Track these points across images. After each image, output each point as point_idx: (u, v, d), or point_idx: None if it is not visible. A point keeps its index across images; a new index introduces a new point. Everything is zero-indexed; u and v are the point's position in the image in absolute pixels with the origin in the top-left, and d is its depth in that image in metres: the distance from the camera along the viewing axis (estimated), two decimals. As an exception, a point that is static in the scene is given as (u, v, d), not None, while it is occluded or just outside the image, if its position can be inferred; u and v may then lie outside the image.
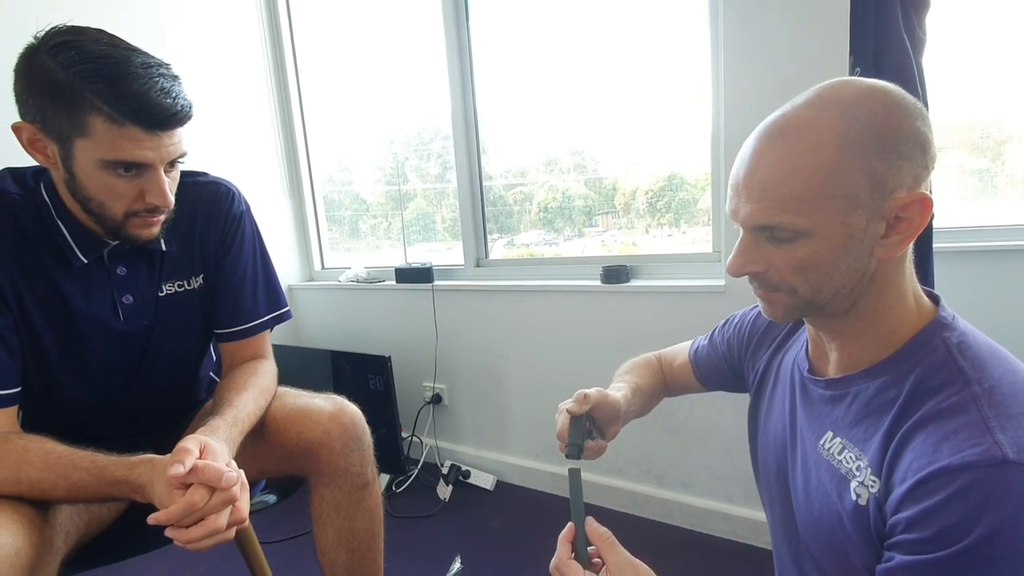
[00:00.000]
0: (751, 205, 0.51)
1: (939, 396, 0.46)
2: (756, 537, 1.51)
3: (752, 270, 0.54)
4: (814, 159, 0.47)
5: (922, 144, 0.47)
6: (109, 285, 0.87)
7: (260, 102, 2.26)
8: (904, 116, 0.47)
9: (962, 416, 0.44)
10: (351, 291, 2.22)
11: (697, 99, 1.58)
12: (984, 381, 0.46)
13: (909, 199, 0.47)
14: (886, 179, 0.47)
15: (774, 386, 0.68)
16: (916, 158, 0.47)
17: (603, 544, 0.58)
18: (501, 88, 1.91)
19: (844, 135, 0.47)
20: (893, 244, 0.49)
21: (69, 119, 0.70)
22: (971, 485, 0.41)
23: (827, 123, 0.47)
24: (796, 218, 0.48)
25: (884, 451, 0.48)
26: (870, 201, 0.47)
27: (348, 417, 0.94)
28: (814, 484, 0.57)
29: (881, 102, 0.47)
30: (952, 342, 0.49)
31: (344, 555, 0.96)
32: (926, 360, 0.49)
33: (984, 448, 0.41)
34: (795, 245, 0.50)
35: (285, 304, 1.06)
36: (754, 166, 0.51)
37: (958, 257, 1.28)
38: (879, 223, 0.48)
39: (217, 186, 0.98)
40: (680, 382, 0.89)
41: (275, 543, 1.62)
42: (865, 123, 0.47)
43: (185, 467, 0.65)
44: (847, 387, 0.55)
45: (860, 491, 0.50)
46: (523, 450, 1.93)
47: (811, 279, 0.51)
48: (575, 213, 1.97)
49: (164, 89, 0.72)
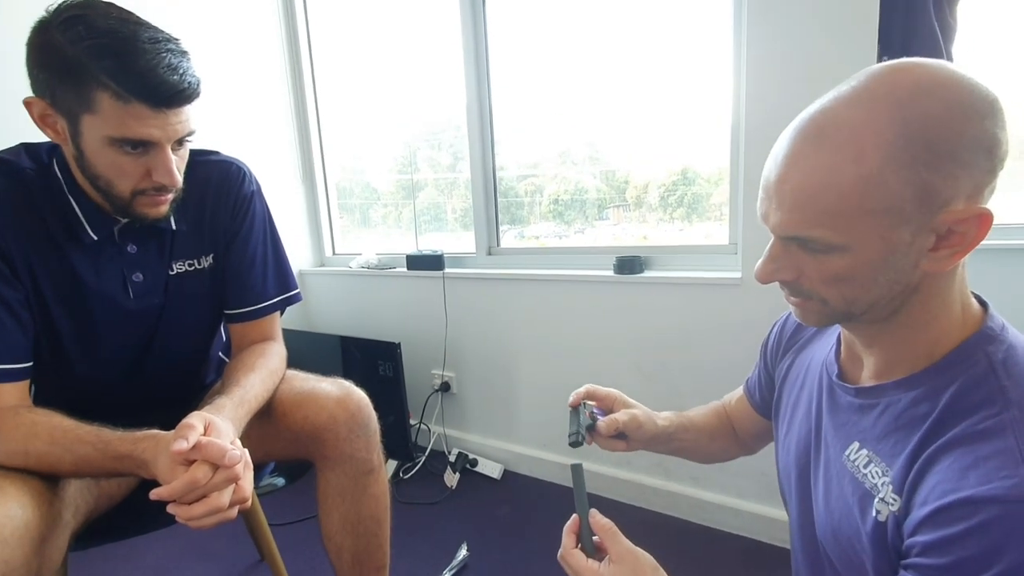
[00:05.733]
0: (782, 214, 0.46)
1: (975, 417, 0.43)
2: (767, 534, 1.49)
3: (782, 278, 0.51)
4: (855, 170, 0.42)
5: (988, 147, 0.41)
6: (119, 263, 0.88)
7: (276, 87, 2.25)
8: (968, 118, 0.40)
9: (996, 442, 0.41)
10: (362, 277, 2.22)
11: (714, 92, 1.55)
12: None
13: (966, 214, 0.42)
14: (939, 191, 0.41)
15: (801, 387, 0.65)
16: (979, 164, 0.41)
17: (606, 535, 0.59)
18: (515, 79, 1.89)
19: (892, 144, 0.41)
20: (943, 258, 0.44)
21: (77, 95, 0.69)
22: (995, 520, 0.38)
23: (874, 128, 0.41)
24: (830, 233, 0.44)
25: (908, 469, 0.45)
26: (917, 215, 0.42)
27: (354, 402, 0.94)
28: (835, 494, 0.55)
29: (941, 101, 0.40)
30: (997, 357, 0.45)
31: (350, 540, 0.96)
32: (965, 375, 0.45)
33: (1015, 483, 0.38)
34: (829, 257, 0.46)
35: (295, 286, 1.06)
36: (787, 171, 0.45)
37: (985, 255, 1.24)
38: (928, 236, 0.43)
39: (228, 165, 0.97)
40: (743, 420, 0.84)
41: (283, 526, 1.63)
42: (918, 128, 0.40)
43: (188, 443, 0.65)
44: (878, 397, 0.51)
45: (880, 507, 0.48)
46: (531, 440, 1.93)
47: (845, 292, 0.47)
48: (587, 206, 1.95)
49: (171, 65, 0.71)
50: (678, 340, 1.55)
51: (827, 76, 1.29)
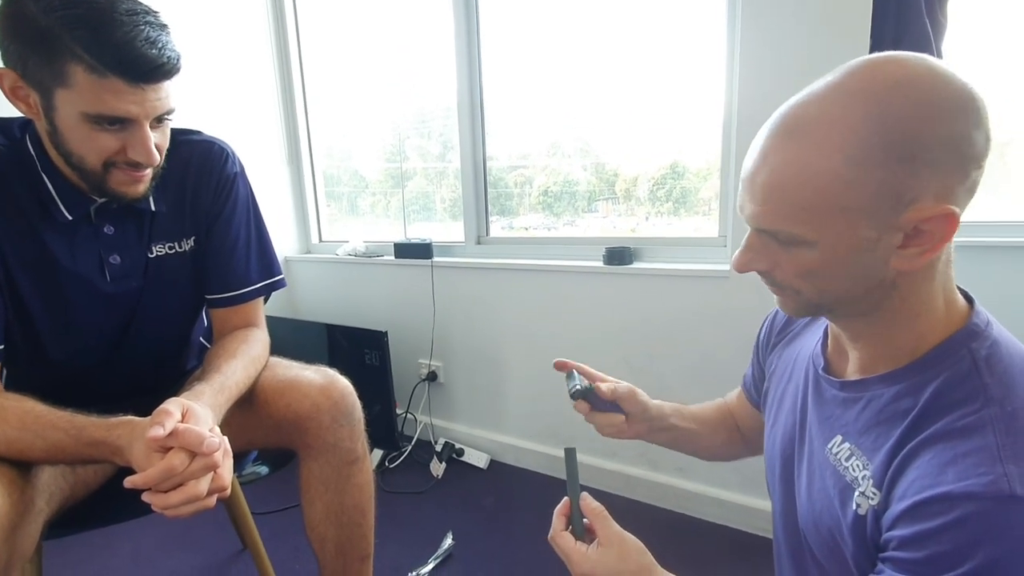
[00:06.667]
0: (755, 206, 0.47)
1: (955, 413, 0.43)
2: (748, 523, 1.51)
3: (756, 268, 0.52)
4: (824, 166, 0.42)
5: (959, 147, 0.41)
6: (96, 244, 0.85)
7: (261, 67, 2.20)
8: (938, 117, 0.40)
9: (976, 439, 0.41)
10: (349, 265, 2.19)
11: (705, 87, 1.54)
12: (1008, 403, 0.41)
13: (931, 212, 0.42)
14: (906, 190, 0.41)
15: (788, 379, 0.66)
16: (948, 163, 0.41)
17: (596, 518, 0.59)
18: (506, 69, 1.87)
19: (862, 141, 0.41)
20: (912, 256, 0.44)
21: (50, 67, 0.67)
22: (971, 516, 0.38)
23: (844, 124, 0.42)
24: (799, 227, 0.45)
25: (889, 464, 0.46)
26: (884, 213, 0.42)
27: (338, 391, 0.92)
28: (817, 486, 0.55)
29: (911, 99, 0.41)
30: (980, 354, 0.45)
31: (333, 530, 0.95)
32: (948, 371, 0.45)
33: (992, 480, 0.38)
34: (800, 250, 0.47)
35: (279, 272, 1.03)
36: (760, 164, 0.46)
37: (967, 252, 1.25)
38: (895, 234, 0.43)
39: (210, 145, 0.94)
40: (744, 416, 0.84)
41: (266, 514, 1.62)
42: (891, 126, 0.41)
43: (165, 430, 0.63)
44: (862, 391, 0.52)
45: (860, 501, 0.48)
46: (518, 430, 1.92)
47: (817, 285, 0.48)
48: (576, 198, 1.94)
49: (150, 39, 0.68)
50: (667, 331, 1.55)
51: (820, 72, 1.28)
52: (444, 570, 1.41)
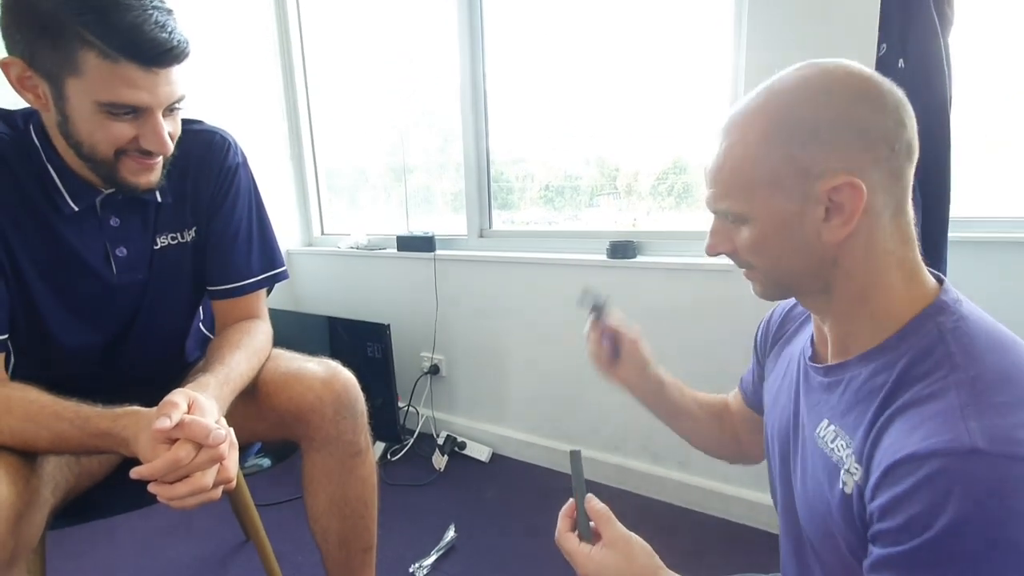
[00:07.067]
0: (709, 191, 0.55)
1: (924, 382, 0.45)
2: (751, 518, 1.51)
3: (721, 250, 0.58)
4: (743, 149, 0.51)
5: (858, 129, 0.47)
6: (102, 236, 0.85)
7: (265, 60, 2.20)
8: (831, 103, 0.48)
9: (941, 403, 0.43)
10: (351, 258, 2.19)
11: (710, 82, 1.53)
12: (972, 368, 0.44)
13: (837, 182, 0.47)
14: (814, 164, 0.48)
15: (784, 376, 0.67)
16: (848, 142, 0.47)
17: (600, 520, 0.60)
18: (509, 63, 1.86)
19: (770, 126, 0.49)
20: (836, 227, 0.49)
21: (59, 54, 0.66)
22: (936, 473, 0.40)
23: (761, 112, 0.50)
24: (735, 203, 0.52)
25: (867, 437, 0.47)
26: (797, 185, 0.49)
27: (341, 383, 0.92)
28: (810, 473, 0.56)
29: (812, 89, 0.49)
30: (947, 327, 0.47)
31: (336, 522, 0.95)
32: (917, 345, 0.48)
33: (954, 436, 0.40)
34: (743, 228, 0.53)
35: (281, 264, 1.03)
36: (712, 156, 0.55)
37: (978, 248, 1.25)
38: (816, 207, 0.49)
39: (212, 135, 0.93)
40: (739, 417, 0.85)
41: (270, 506, 1.62)
42: (792, 111, 0.49)
43: (172, 421, 0.63)
44: (842, 373, 0.54)
45: (846, 479, 0.49)
46: (520, 424, 1.93)
47: (765, 258, 0.54)
48: (578, 193, 1.93)
49: (159, 22, 0.68)
50: (670, 325, 1.55)
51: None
52: (446, 562, 1.41)
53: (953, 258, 1.21)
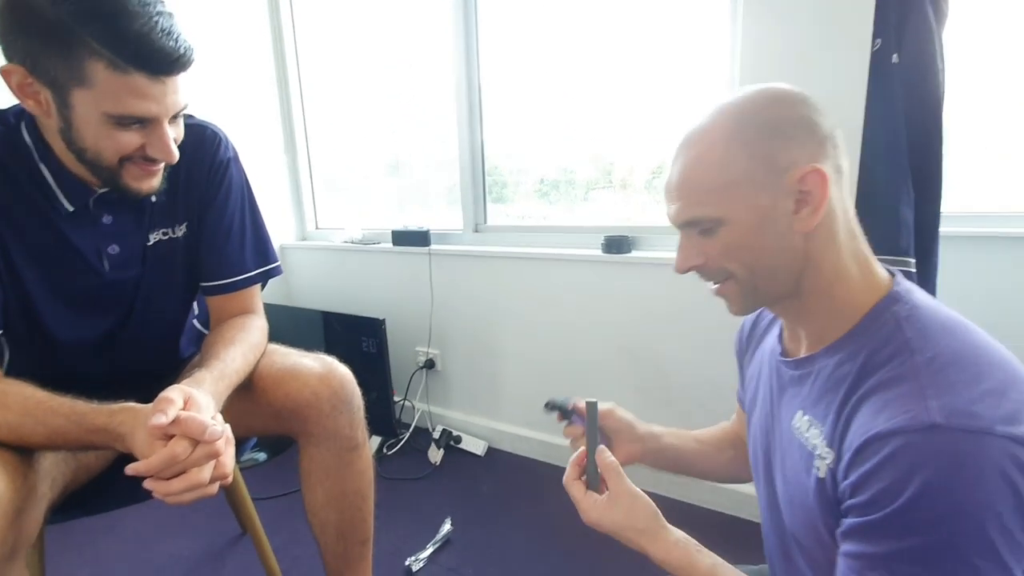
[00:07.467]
0: (674, 205, 0.57)
1: (886, 368, 0.48)
2: (741, 509, 1.53)
3: (693, 264, 0.58)
4: (711, 155, 0.54)
5: (808, 126, 0.52)
6: (94, 234, 0.84)
7: (258, 52, 2.18)
8: (784, 104, 0.53)
9: (903, 385, 0.46)
10: (346, 252, 2.18)
11: (705, 76, 1.53)
12: (928, 351, 0.47)
13: (805, 171, 0.51)
14: (777, 158, 0.51)
15: (759, 377, 0.70)
16: (804, 138, 0.52)
17: (609, 473, 0.64)
18: (504, 56, 1.85)
19: (732, 130, 0.53)
20: (805, 217, 0.52)
21: (65, 63, 0.65)
22: (900, 449, 0.43)
23: (719, 124, 0.54)
24: (709, 209, 0.54)
25: (837, 423, 0.50)
26: (768, 180, 0.52)
27: (337, 379, 0.92)
28: (789, 464, 0.58)
29: (763, 96, 0.54)
30: (902, 315, 0.51)
31: (334, 515, 0.95)
32: (877, 334, 0.51)
33: (915, 414, 0.43)
34: (719, 234, 0.54)
35: (275, 259, 1.02)
36: (672, 172, 0.57)
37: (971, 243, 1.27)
38: (786, 199, 0.52)
39: (203, 130, 0.92)
40: (742, 427, 0.85)
41: (266, 500, 1.63)
42: (749, 115, 0.53)
43: (168, 417, 0.63)
44: (811, 366, 0.57)
45: (819, 464, 0.52)
46: (515, 418, 1.94)
47: (743, 260, 0.55)
48: (573, 187, 1.93)
49: (166, 29, 0.67)
50: (665, 320, 1.56)
51: (822, 62, 1.29)
52: (442, 555, 1.43)
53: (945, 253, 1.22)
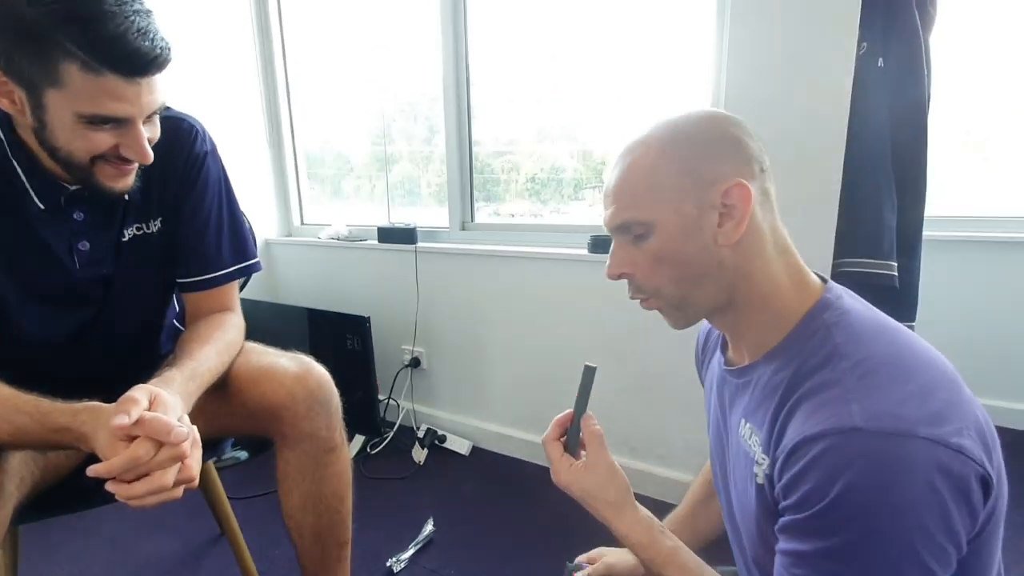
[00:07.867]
0: (609, 210, 0.59)
1: (817, 374, 0.50)
2: (725, 511, 1.53)
3: (623, 271, 0.60)
4: (645, 162, 0.56)
5: (736, 146, 0.55)
6: (65, 231, 0.82)
7: (241, 43, 2.14)
8: (716, 124, 0.56)
9: (831, 391, 0.47)
10: (331, 248, 2.16)
11: (692, 74, 1.53)
12: (855, 356, 0.48)
13: (729, 184, 0.53)
14: (704, 172, 0.54)
15: (711, 390, 0.71)
16: (731, 156, 0.54)
17: (591, 441, 0.65)
18: (493, 53, 1.84)
19: (666, 141, 0.56)
20: (729, 231, 0.54)
21: (39, 64, 0.63)
22: (824, 451, 0.44)
23: (655, 136, 0.57)
24: (639, 212, 0.56)
25: (772, 430, 0.52)
26: (695, 191, 0.54)
27: (314, 380, 0.90)
28: (739, 475, 0.59)
29: (699, 115, 0.57)
30: (831, 321, 0.52)
31: (311, 517, 0.94)
32: (808, 342, 0.53)
33: (839, 417, 0.45)
34: (648, 241, 0.56)
35: (254, 255, 1.00)
36: (611, 179, 0.59)
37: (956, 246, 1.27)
38: (711, 213, 0.54)
39: (179, 122, 0.90)
40: None
41: (245, 499, 1.61)
42: (683, 130, 0.56)
43: (130, 418, 0.61)
44: (751, 374, 0.58)
45: (757, 470, 0.54)
46: (500, 417, 1.93)
47: (670, 273, 0.57)
48: (563, 185, 1.92)
49: (141, 29, 0.65)
50: (650, 318, 1.55)
51: (809, 63, 1.29)
52: (424, 556, 1.41)
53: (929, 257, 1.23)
